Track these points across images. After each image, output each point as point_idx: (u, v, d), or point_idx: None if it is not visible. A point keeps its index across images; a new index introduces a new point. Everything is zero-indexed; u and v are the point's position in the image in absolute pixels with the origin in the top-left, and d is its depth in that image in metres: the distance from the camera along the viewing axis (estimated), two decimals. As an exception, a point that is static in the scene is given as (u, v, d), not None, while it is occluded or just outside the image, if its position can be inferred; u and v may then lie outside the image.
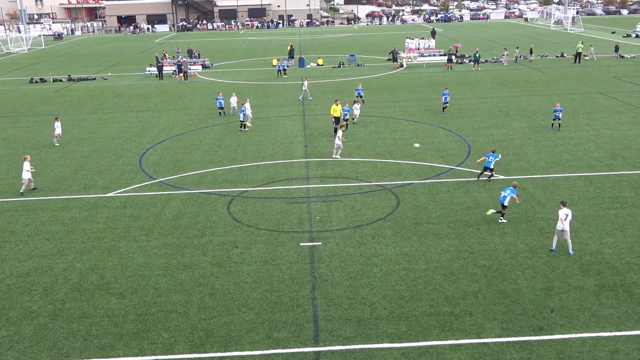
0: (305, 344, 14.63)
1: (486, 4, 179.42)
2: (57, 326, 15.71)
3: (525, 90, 45.94)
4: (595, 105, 39.77)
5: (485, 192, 24.32)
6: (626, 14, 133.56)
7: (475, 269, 18.02)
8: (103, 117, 41.44)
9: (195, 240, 20.70)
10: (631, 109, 38.16)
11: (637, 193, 23.61)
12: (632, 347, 14.02)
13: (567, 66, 57.29)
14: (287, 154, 30.76)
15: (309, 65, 63.12)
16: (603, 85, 46.56)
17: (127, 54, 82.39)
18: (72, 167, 29.53)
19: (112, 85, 55.56)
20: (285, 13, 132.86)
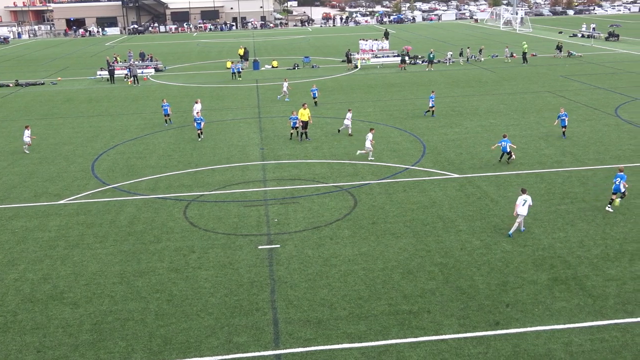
0: (266, 347, 14.57)
1: (437, 5, 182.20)
2: (9, 339, 15.24)
3: (476, 89, 46.83)
4: (544, 103, 40.82)
5: (440, 191, 24.67)
6: (572, 14, 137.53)
7: (433, 267, 18.26)
8: (53, 122, 40.45)
9: (151, 246, 20.39)
10: (579, 107, 39.30)
11: (586, 188, 24.32)
12: (585, 339, 14.42)
13: (516, 66, 58.63)
14: (243, 157, 30.60)
15: (264, 68, 62.93)
16: (552, 84, 47.82)
17: (77, 57, 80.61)
18: (21, 175, 28.71)
19: (62, 89, 54.27)
20: (239, 15, 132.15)
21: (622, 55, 63.54)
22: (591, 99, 41.64)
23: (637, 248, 18.99)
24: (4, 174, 28.95)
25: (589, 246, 19.24)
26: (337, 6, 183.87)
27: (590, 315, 15.38)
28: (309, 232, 21.12)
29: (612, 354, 13.81)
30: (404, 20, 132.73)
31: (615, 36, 78.46)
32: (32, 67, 71.73)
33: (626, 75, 50.73)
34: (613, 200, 21.75)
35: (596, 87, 46.00)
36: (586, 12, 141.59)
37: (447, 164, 27.93)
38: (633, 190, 23.82)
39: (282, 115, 39.45)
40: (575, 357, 13.78)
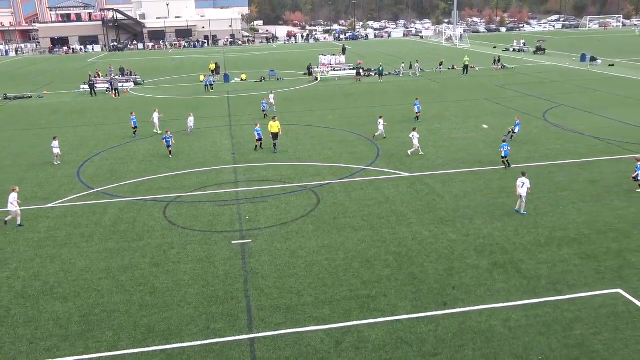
0: (241, 332, 14.48)
1: (387, 24, 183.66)
2: (3, 332, 14.80)
3: (423, 98, 47.23)
4: (482, 109, 41.52)
5: (393, 188, 24.87)
6: (505, 31, 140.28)
7: (388, 256, 18.41)
8: (40, 132, 39.36)
9: (134, 244, 20.04)
10: (512, 112, 40.08)
11: (519, 183, 24.81)
12: (521, 315, 14.74)
13: (457, 77, 59.50)
14: (216, 161, 30.31)
15: (234, 80, 62.43)
16: (488, 93, 48.69)
17: (61, 73, 78.63)
18: (11, 181, 27.84)
19: (48, 102, 52.87)
20: (210, 33, 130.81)
21: (548, 67, 65.09)
22: (522, 105, 42.54)
23: (564, 235, 19.49)
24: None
25: (523, 234, 19.66)
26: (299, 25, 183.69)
27: (526, 295, 15.72)
28: (277, 227, 21.05)
29: (545, 328, 14.15)
30: (358, 37, 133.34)
31: (542, 50, 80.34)
32: (19, 82, 69.64)
33: (552, 84, 52.00)
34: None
35: (527, 94, 47.03)
36: (517, 29, 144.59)
37: (398, 164, 28.18)
38: (559, 185, 24.44)
39: (251, 124, 39.19)
40: (514, 331, 14.07)
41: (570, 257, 17.81)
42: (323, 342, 13.95)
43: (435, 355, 13.27)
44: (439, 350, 13.44)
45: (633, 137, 31.84)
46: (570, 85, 50.97)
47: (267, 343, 14.00)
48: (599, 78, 55.07)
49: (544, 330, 14.05)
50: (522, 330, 14.09)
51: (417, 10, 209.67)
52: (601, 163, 27.40)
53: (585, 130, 33.81)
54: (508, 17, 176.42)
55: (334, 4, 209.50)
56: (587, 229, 19.91)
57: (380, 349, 13.58)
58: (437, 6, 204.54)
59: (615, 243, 18.71)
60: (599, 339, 13.65)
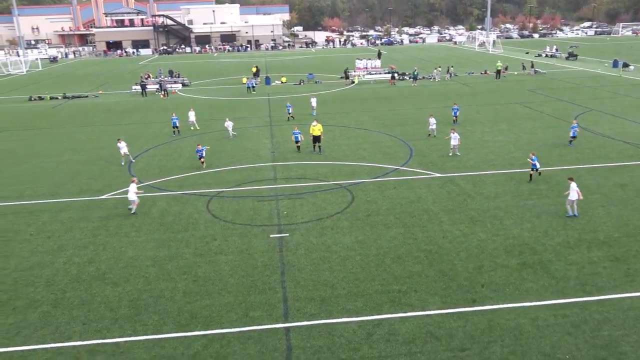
0: (277, 321, 14.56)
1: (422, 29, 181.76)
2: (59, 313, 15.26)
3: (456, 101, 46.58)
4: (514, 113, 40.69)
5: (425, 188, 24.61)
6: (537, 37, 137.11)
7: (419, 253, 18.22)
8: (95, 129, 40.44)
9: (179, 235, 20.37)
10: (543, 116, 39.18)
11: (549, 186, 24.24)
12: (549, 314, 14.39)
13: (489, 81, 58.47)
14: (257, 159, 30.55)
15: (274, 83, 62.82)
16: (520, 97, 47.67)
17: (115, 74, 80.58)
18: (68, 174, 28.72)
19: (102, 101, 54.26)
20: (253, 38, 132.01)
21: (579, 72, 63.34)
22: (554, 109, 41.50)
23: (594, 237, 18.93)
24: (54, 174, 28.96)
25: (553, 235, 19.18)
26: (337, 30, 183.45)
27: (554, 295, 15.34)
28: (313, 223, 21.09)
29: (573, 328, 13.78)
30: (393, 42, 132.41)
31: (574, 56, 78.22)
32: (77, 82, 71.73)
33: (583, 89, 50.58)
34: None
35: (558, 99, 45.86)
36: (549, 35, 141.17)
37: (431, 165, 27.86)
38: (589, 188, 23.75)
39: (290, 124, 39.40)
40: (542, 330, 13.75)
41: (600, 260, 17.29)
42: (355, 333, 13.90)
43: (464, 351, 13.07)
44: (467, 346, 13.23)
45: (665, 143, 30.70)
46: (602, 91, 49.45)
47: (301, 332, 14.04)
48: (631, 84, 53.26)
49: (572, 330, 13.67)
50: (550, 330, 13.74)
51: (450, 16, 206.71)
52: (631, 167, 26.50)
53: (616, 135, 32.76)
54: (541, 24, 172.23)
55: (371, 10, 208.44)
56: (616, 232, 19.29)
57: (410, 342, 13.45)
58: (471, 13, 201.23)
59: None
60: (627, 340, 13.21)
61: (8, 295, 16.36)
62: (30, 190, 26.34)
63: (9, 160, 32.27)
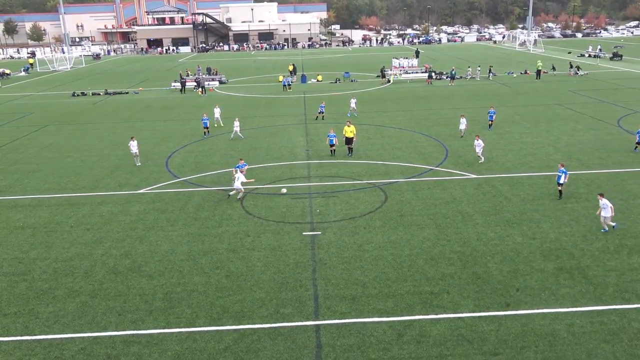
0: (307, 318, 14.62)
1: (460, 28, 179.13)
2: (96, 303, 15.69)
3: (493, 102, 45.81)
4: (554, 114, 39.72)
5: (460, 189, 24.28)
6: (580, 37, 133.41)
7: (452, 254, 18.00)
8: (134, 125, 41.38)
9: (213, 230, 20.67)
10: (585, 118, 38.13)
11: (589, 190, 23.59)
12: (586, 321, 14.01)
13: (530, 82, 57.21)
14: (291, 156, 30.71)
15: (310, 82, 62.98)
16: (561, 98, 46.51)
17: (155, 71, 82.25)
18: (108, 168, 29.48)
19: (142, 98, 55.47)
20: (290, 36, 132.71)
21: (624, 73, 61.33)
22: (596, 111, 40.33)
23: (635, 243, 18.33)
24: (94, 168, 29.77)
25: (592, 240, 18.66)
26: (374, 29, 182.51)
27: (591, 301, 14.93)
28: (345, 221, 21.07)
29: (611, 336, 13.38)
30: (431, 41, 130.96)
31: (619, 56, 75.78)
32: (118, 78, 73.54)
33: (628, 91, 48.95)
34: None
35: (601, 101, 44.53)
36: (593, 34, 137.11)
37: (466, 166, 27.47)
38: (631, 192, 22.99)
39: (325, 123, 39.47)
40: (577, 337, 13.40)
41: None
42: (385, 333, 13.84)
43: (496, 355, 12.85)
44: (499, 350, 13.00)
45: None
46: (648, 92, 47.75)
47: (331, 330, 14.06)
48: (679, 85, 51.27)
49: (609, 338, 13.27)
50: (587, 337, 13.38)
51: (491, 15, 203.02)
52: (678, 172, 25.53)
53: (662, 139, 31.55)
54: (584, 23, 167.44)
55: (409, 8, 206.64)
56: (660, 238, 18.63)
57: (441, 345, 13.31)
58: (512, 11, 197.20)
59: (690, 254, 17.40)
60: (668, 351, 12.75)
61: (49, 284, 16.91)
62: (72, 183, 27.14)
63: (53, 153, 33.34)
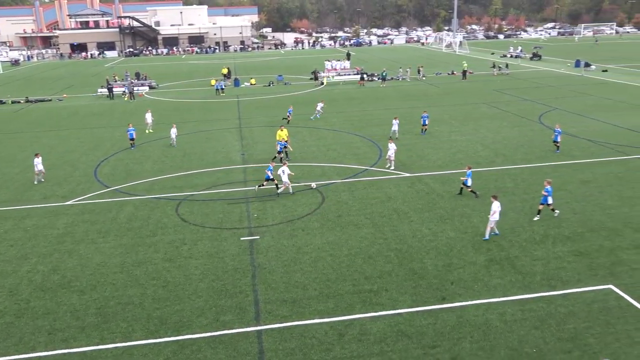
0: (248, 324, 14.48)
1: (390, 30, 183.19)
2: (23, 323, 14.86)
3: (424, 102, 47.24)
4: (480, 113, 41.36)
5: (394, 188, 24.81)
6: (502, 38, 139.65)
7: (389, 252, 18.36)
8: (60, 133, 39.53)
9: (148, 240, 20.07)
10: (509, 115, 39.94)
11: (516, 184, 24.72)
12: (517, 309, 14.67)
13: (457, 82, 59.32)
14: (227, 161, 30.33)
15: (243, 85, 62.47)
16: (486, 97, 48.50)
17: (80, 77, 78.92)
18: (32, 180, 27.99)
19: (68, 105, 53.09)
20: (221, 40, 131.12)
21: (543, 72, 64.80)
22: (519, 109, 42.35)
23: (559, 233, 19.38)
24: (17, 179, 28.20)
25: (519, 232, 19.57)
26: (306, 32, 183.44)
27: (521, 290, 15.64)
28: (284, 225, 21.04)
29: (539, 322, 14.08)
30: (362, 43, 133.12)
31: (538, 56, 79.94)
32: (40, 85, 69.98)
33: (547, 89, 51.75)
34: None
35: (523, 99, 46.81)
36: (514, 36, 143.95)
37: (400, 165, 28.09)
38: (553, 185, 24.27)
39: (260, 126, 39.29)
40: (509, 325, 14.01)
41: (564, 255, 17.71)
42: (327, 334, 13.92)
43: (434, 348, 13.22)
44: (437, 343, 13.39)
45: (624, 140, 31.64)
46: (565, 90, 50.69)
47: (273, 335, 13.99)
48: (592, 83, 54.75)
49: (539, 324, 13.97)
50: (518, 324, 14.01)
51: (418, 17, 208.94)
52: (594, 164, 27.23)
53: (579, 133, 33.62)
54: (505, 25, 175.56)
55: (339, 11, 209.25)
56: (580, 227, 19.80)
57: (382, 341, 13.54)
58: (438, 14, 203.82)
59: (607, 241, 18.59)
60: (591, 332, 13.56)
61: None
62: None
63: (-31, 166, 31.28)
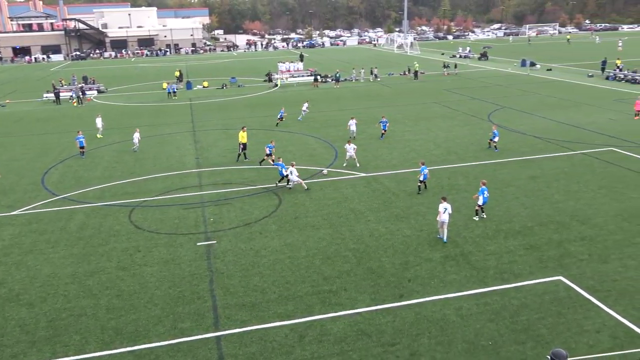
0: (207, 331, 14.26)
1: (342, 32, 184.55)
2: (-32, 340, 14.16)
3: (377, 102, 47.82)
4: (432, 112, 42.19)
5: (351, 188, 24.98)
6: (451, 39, 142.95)
7: (347, 252, 18.46)
8: (4, 141, 37.92)
9: (100, 249, 19.50)
10: (459, 114, 40.89)
11: (468, 181, 25.32)
12: (472, 303, 15.01)
13: (409, 82, 60.30)
14: (181, 165, 29.82)
15: (196, 88, 61.60)
16: (437, 97, 49.51)
17: (24, 82, 75.95)
18: (-26, 190, 26.73)
19: (11, 111, 50.97)
20: (172, 42, 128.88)
21: (491, 72, 66.67)
22: (469, 108, 43.42)
23: (510, 227, 19.96)
24: (-42, 190, 26.88)
25: (472, 228, 20.04)
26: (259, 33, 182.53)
27: (476, 284, 16.02)
28: (241, 228, 20.86)
29: (494, 315, 14.45)
30: (315, 45, 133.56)
31: (485, 56, 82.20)
32: (-19, 91, 66.93)
33: (495, 88, 53.28)
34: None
35: (472, 98, 48.02)
36: (462, 37, 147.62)
37: (355, 165, 28.30)
38: (503, 181, 25.02)
39: (214, 129, 38.85)
40: (465, 319, 14.32)
41: (516, 248, 18.26)
42: (287, 336, 13.88)
43: (394, 345, 13.37)
44: (397, 340, 13.55)
45: (569, 136, 32.91)
46: (512, 89, 52.31)
47: (233, 340, 13.83)
48: (538, 82, 56.71)
49: (493, 317, 14.34)
50: (473, 318, 14.34)
51: (370, 19, 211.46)
52: (541, 160, 28.20)
53: (527, 130, 34.75)
54: (454, 26, 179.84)
55: (292, 13, 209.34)
56: (530, 221, 20.45)
57: (342, 341, 13.59)
58: (389, 15, 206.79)
59: (556, 234, 19.28)
60: (543, 323, 14.02)
61: None
62: None
63: None
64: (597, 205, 21.76)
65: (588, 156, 28.55)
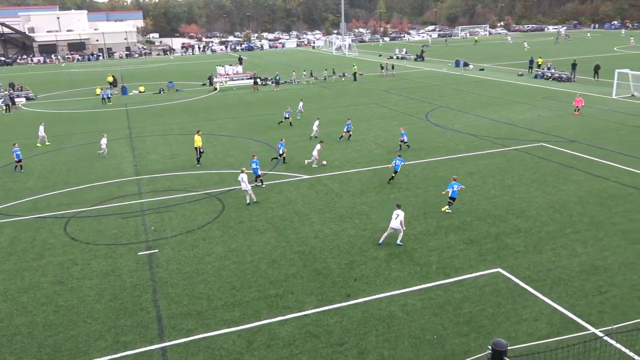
0: (152, 342, 13.87)
1: (281, 34, 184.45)
2: None
3: (319, 104, 48.09)
4: (372, 113, 42.85)
5: (294, 190, 24.99)
6: (388, 40, 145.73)
7: (293, 255, 18.45)
8: None
9: (34, 263, 18.59)
10: (398, 114, 41.73)
11: (409, 179, 25.86)
12: (417, 299, 15.34)
13: (348, 83, 60.99)
14: (118, 173, 28.88)
15: (132, 93, 59.88)
16: (377, 97, 50.34)
17: (-56, 90, 71.32)
18: None
19: None
20: (105, 46, 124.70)
21: (427, 72, 68.46)
22: (407, 107, 44.40)
23: (450, 223, 20.55)
24: None
25: (414, 225, 20.48)
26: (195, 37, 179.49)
27: (419, 280, 16.38)
28: (183, 235, 20.43)
29: (438, 309, 14.82)
30: (253, 48, 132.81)
31: (422, 57, 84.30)
32: None
33: (431, 88, 54.74)
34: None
35: (410, 98, 49.14)
36: (399, 38, 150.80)
37: (298, 167, 28.36)
38: (442, 178, 25.73)
39: (152, 135, 37.87)
40: (411, 315, 14.61)
41: (456, 243, 18.81)
42: (235, 343, 13.71)
43: (342, 345, 13.47)
44: (345, 340, 13.65)
45: (502, 133, 34.26)
46: (448, 89, 53.92)
47: (179, 350, 13.52)
48: (471, 81, 58.71)
49: (437, 312, 14.70)
50: (419, 314, 14.65)
51: (307, 21, 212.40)
52: (477, 157, 29.20)
53: (463, 129, 35.90)
54: (390, 28, 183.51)
55: (229, 16, 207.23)
56: (469, 216, 21.13)
57: (291, 344, 13.56)
58: (326, 18, 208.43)
59: (493, 227, 20.00)
60: (484, 314, 14.51)
61: None
62: None
63: None
64: (530, 199, 22.76)
65: (521, 152, 29.82)
